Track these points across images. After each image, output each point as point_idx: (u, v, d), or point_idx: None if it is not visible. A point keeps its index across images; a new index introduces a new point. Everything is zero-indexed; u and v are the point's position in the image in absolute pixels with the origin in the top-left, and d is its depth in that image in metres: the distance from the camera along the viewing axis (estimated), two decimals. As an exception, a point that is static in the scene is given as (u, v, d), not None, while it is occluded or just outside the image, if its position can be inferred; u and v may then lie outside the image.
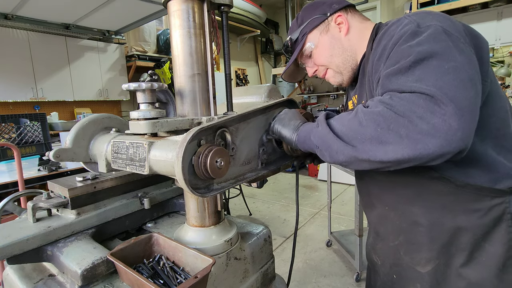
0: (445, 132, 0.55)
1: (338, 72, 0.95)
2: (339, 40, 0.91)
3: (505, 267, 0.73)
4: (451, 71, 0.58)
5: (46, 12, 3.62)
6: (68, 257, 0.79)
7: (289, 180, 5.48)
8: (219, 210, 0.89)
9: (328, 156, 0.70)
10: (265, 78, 8.80)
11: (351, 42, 0.91)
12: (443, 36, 0.63)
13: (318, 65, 0.97)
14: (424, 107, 0.56)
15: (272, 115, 0.94)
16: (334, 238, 2.87)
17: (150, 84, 0.73)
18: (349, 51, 0.91)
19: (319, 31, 0.92)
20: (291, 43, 0.97)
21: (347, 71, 0.93)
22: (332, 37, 0.91)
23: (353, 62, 0.92)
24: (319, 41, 0.93)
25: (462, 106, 0.55)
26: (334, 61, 0.93)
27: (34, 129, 3.04)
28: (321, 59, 0.95)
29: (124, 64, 5.11)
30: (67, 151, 0.91)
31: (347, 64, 0.92)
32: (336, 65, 0.93)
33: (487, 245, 0.74)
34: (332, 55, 0.92)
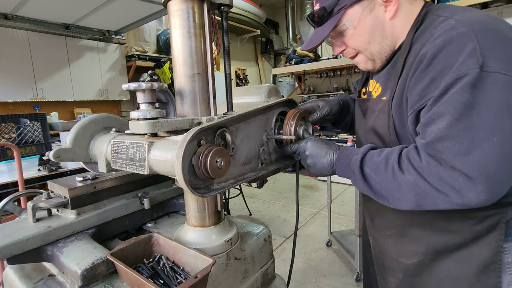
0: (476, 203, 0.61)
1: (370, 60, 0.84)
2: (382, 25, 0.78)
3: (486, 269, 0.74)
4: (499, 144, 0.58)
5: (46, 12, 3.62)
6: (68, 257, 0.79)
7: (289, 180, 5.48)
8: (219, 210, 0.89)
9: None
10: (265, 78, 8.80)
11: (394, 28, 0.78)
12: (501, 94, 0.59)
13: (351, 47, 0.85)
14: (462, 185, 0.60)
15: (272, 115, 0.94)
16: (334, 238, 2.87)
17: (150, 84, 0.73)
18: (390, 39, 0.79)
19: (361, 8, 0.77)
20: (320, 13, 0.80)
21: (380, 61, 0.83)
22: (375, 19, 0.77)
23: (389, 51, 0.81)
24: (360, 22, 0.78)
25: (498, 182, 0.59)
26: (370, 48, 0.81)
27: (34, 129, 3.03)
28: (356, 43, 0.82)
29: (124, 64, 5.11)
30: (67, 151, 0.91)
31: (382, 54, 0.82)
32: (370, 52, 0.82)
33: (475, 247, 0.75)
34: (369, 42, 0.80)
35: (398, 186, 0.68)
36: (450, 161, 0.61)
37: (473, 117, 0.59)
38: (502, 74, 0.59)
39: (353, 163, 0.76)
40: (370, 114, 0.88)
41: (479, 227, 0.73)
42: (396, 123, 0.77)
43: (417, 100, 0.68)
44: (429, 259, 0.81)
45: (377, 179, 0.71)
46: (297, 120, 0.92)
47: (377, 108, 0.84)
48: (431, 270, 0.82)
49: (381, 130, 0.83)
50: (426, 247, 0.81)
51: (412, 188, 0.65)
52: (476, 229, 0.74)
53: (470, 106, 0.59)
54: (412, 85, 0.70)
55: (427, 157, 0.65)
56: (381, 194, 0.72)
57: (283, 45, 8.99)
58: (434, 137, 0.63)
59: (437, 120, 0.63)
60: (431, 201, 0.64)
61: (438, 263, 0.80)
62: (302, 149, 0.87)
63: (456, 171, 0.60)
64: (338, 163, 0.81)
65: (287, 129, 0.92)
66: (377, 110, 0.84)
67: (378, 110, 0.83)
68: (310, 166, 0.86)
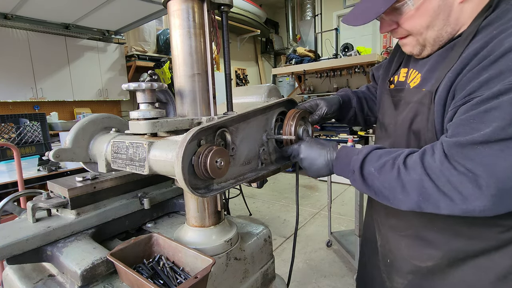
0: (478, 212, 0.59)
1: (421, 44, 0.75)
2: (449, 8, 0.67)
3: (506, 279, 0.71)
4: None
5: (45, 12, 3.62)
6: (68, 257, 0.79)
7: (289, 180, 5.48)
8: (219, 210, 0.89)
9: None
10: (265, 78, 8.80)
11: (462, 13, 0.67)
12: None
13: (405, 28, 0.74)
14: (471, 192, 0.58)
15: (272, 115, 0.94)
16: (334, 238, 2.87)
17: (150, 84, 0.73)
18: (452, 26, 0.69)
19: None
20: None
21: (431, 48, 0.74)
22: (444, 2, 0.67)
23: (446, 40, 0.71)
24: (424, 2, 0.67)
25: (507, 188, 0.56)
26: (426, 34, 0.71)
27: (33, 129, 3.03)
28: (413, 24, 0.72)
29: (124, 64, 5.11)
30: (66, 151, 0.91)
31: (437, 42, 0.72)
32: (425, 38, 0.72)
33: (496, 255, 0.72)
34: (428, 26, 0.70)
35: (401, 185, 0.65)
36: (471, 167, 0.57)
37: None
38: None
39: (353, 162, 0.74)
40: (403, 105, 0.80)
41: (506, 235, 0.70)
42: (437, 120, 0.69)
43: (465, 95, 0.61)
44: (445, 264, 0.78)
45: (381, 179, 0.68)
46: (297, 120, 0.92)
47: (414, 100, 0.75)
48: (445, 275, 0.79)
49: (417, 125, 0.74)
50: (444, 252, 0.78)
51: (416, 187, 0.62)
52: (501, 238, 0.70)
53: None
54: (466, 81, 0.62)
55: (442, 158, 0.61)
56: (382, 193, 0.69)
57: (283, 45, 8.99)
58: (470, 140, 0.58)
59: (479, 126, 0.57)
60: (434, 204, 0.62)
61: (454, 269, 0.77)
62: (296, 152, 0.87)
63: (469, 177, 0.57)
64: (336, 162, 0.79)
65: (287, 129, 0.91)
66: (413, 102, 0.76)
67: (415, 101, 0.75)
68: (306, 169, 0.85)
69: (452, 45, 0.71)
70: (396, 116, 0.84)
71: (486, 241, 0.72)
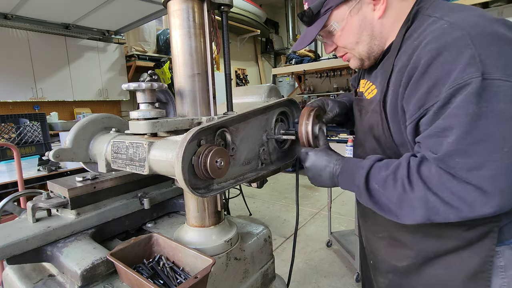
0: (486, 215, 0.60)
1: (359, 59, 0.84)
2: (370, 24, 0.76)
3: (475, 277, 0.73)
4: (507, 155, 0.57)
5: (46, 12, 3.62)
6: (68, 257, 0.79)
7: (289, 180, 5.48)
8: (219, 210, 0.89)
9: None
10: (265, 78, 8.80)
11: (383, 27, 0.76)
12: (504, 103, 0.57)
13: (340, 46, 0.84)
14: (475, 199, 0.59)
15: (272, 115, 0.94)
16: (334, 238, 2.87)
17: (150, 84, 0.73)
18: (378, 39, 0.78)
19: (348, 9, 0.75)
20: (309, 14, 0.79)
21: (369, 60, 0.83)
22: (363, 20, 0.76)
23: (378, 51, 0.80)
24: (347, 22, 0.77)
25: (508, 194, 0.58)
26: (358, 48, 0.80)
27: (33, 129, 3.03)
28: (344, 43, 0.82)
29: (124, 64, 5.11)
30: (66, 151, 0.91)
31: (371, 54, 0.81)
32: (359, 52, 0.81)
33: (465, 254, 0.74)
34: (357, 42, 0.79)
35: (409, 203, 0.65)
36: (463, 176, 0.59)
37: (481, 129, 0.57)
38: (504, 81, 0.57)
39: (357, 178, 0.73)
40: (364, 114, 0.87)
41: (470, 233, 0.72)
42: (393, 129, 0.75)
43: (416, 110, 0.66)
44: (419, 263, 0.81)
45: (386, 194, 0.68)
46: (313, 118, 0.87)
47: (370, 108, 0.82)
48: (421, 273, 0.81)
49: (376, 132, 0.81)
50: (416, 251, 0.81)
51: (423, 204, 0.63)
52: (467, 236, 0.73)
53: (477, 118, 0.57)
54: (409, 94, 0.67)
55: (439, 170, 0.62)
56: (389, 209, 0.69)
57: (283, 45, 8.99)
58: (444, 152, 0.60)
59: (445, 134, 0.61)
60: (443, 215, 0.62)
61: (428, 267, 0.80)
62: (303, 159, 0.86)
63: (470, 185, 0.59)
64: (341, 176, 0.78)
65: (303, 129, 0.87)
66: (370, 111, 0.82)
67: (371, 111, 0.81)
68: (310, 178, 0.85)
69: (386, 59, 0.78)
70: (361, 124, 0.90)
71: (453, 240, 0.74)
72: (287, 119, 1.02)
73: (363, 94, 0.89)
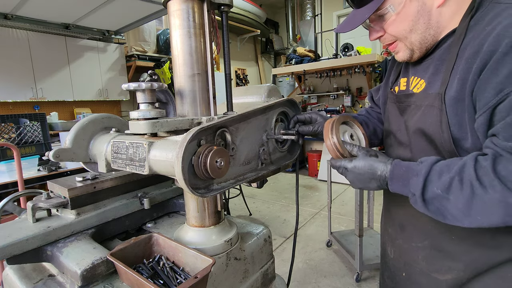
0: None
1: (409, 49, 0.78)
2: (428, 12, 0.71)
3: None
4: None
5: (46, 12, 3.62)
6: (68, 257, 0.79)
7: (289, 180, 5.48)
8: (219, 210, 0.89)
9: None
10: (265, 78, 8.80)
11: (441, 17, 0.71)
12: None
13: (390, 34, 0.78)
14: None
15: (272, 115, 0.94)
16: (334, 238, 2.87)
17: (150, 84, 0.73)
18: (434, 29, 0.72)
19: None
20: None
21: (419, 51, 0.77)
22: (423, 6, 0.70)
23: (432, 42, 0.75)
24: (404, 7, 0.71)
25: None
26: (411, 37, 0.75)
27: (34, 129, 3.03)
28: (396, 29, 0.75)
29: (124, 64, 5.11)
30: (66, 151, 0.91)
31: (423, 45, 0.75)
32: (411, 42, 0.76)
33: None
34: (412, 30, 0.73)
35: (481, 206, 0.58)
36: None
37: None
38: None
39: (413, 186, 0.65)
40: (414, 110, 0.79)
41: None
42: (452, 121, 0.67)
43: (494, 95, 0.59)
44: (467, 277, 0.74)
45: (451, 199, 0.61)
46: (336, 128, 0.79)
47: (424, 103, 0.74)
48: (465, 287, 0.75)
49: (430, 129, 0.73)
50: (464, 263, 0.74)
51: (502, 206, 0.56)
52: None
53: None
54: (485, 80, 0.61)
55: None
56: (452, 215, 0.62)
57: (283, 45, 8.99)
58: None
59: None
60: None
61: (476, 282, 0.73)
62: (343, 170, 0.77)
63: None
64: (392, 183, 0.70)
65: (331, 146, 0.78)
66: (424, 105, 0.75)
67: (426, 105, 0.74)
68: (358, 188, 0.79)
69: (447, 47, 0.72)
70: (404, 123, 0.83)
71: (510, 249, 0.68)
72: (287, 119, 1.02)
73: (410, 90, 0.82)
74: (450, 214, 0.62)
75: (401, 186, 0.68)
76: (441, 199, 0.62)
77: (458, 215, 0.61)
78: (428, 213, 0.66)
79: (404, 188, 0.68)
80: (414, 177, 0.65)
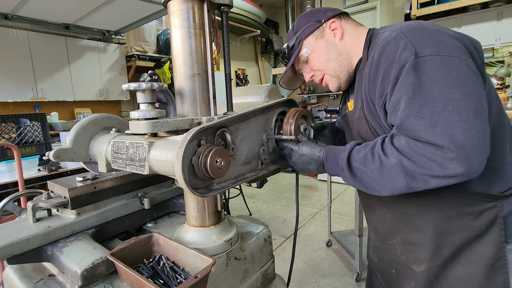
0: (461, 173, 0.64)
1: (335, 76, 0.97)
2: (334, 45, 0.94)
3: (494, 268, 0.76)
4: (456, 111, 0.64)
5: (46, 12, 3.62)
6: (68, 257, 0.79)
7: (289, 180, 5.48)
8: (219, 210, 0.89)
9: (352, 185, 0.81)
10: (265, 78, 8.80)
11: (345, 46, 0.93)
12: (441, 71, 0.67)
13: (315, 70, 1.00)
14: (441, 157, 0.64)
15: (272, 115, 0.94)
16: (334, 238, 2.87)
17: (150, 84, 0.73)
18: (344, 55, 0.94)
19: (314, 37, 0.95)
20: (288, 50, 1.01)
21: (343, 75, 0.96)
22: (327, 42, 0.94)
23: (348, 65, 0.94)
24: (315, 46, 0.95)
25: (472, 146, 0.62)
26: (330, 65, 0.95)
27: (34, 129, 3.03)
28: (317, 63, 0.97)
29: (124, 64, 5.11)
30: (67, 151, 0.91)
31: (343, 68, 0.94)
32: (332, 69, 0.95)
33: (478, 246, 0.77)
34: (328, 59, 0.95)
35: (388, 173, 0.70)
36: (423, 136, 0.65)
37: (425, 94, 0.66)
38: (435, 56, 0.68)
39: (340, 160, 0.80)
40: (352, 124, 0.97)
41: (478, 222, 0.76)
42: (374, 125, 0.85)
43: (379, 98, 0.78)
44: (436, 266, 0.83)
45: (367, 171, 0.74)
46: (297, 118, 0.92)
47: (355, 117, 0.93)
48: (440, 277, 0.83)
49: (365, 135, 0.90)
50: (430, 253, 0.83)
51: (400, 170, 0.68)
52: (475, 225, 0.77)
53: (419, 86, 0.67)
54: (372, 88, 0.80)
55: (406, 138, 0.69)
56: (371, 185, 0.75)
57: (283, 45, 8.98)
58: (401, 119, 0.69)
59: (398, 105, 0.71)
60: (421, 179, 0.67)
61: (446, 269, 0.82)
62: (288, 154, 0.93)
63: (431, 145, 0.65)
64: (327, 163, 0.85)
65: (286, 128, 0.92)
66: (355, 119, 0.93)
67: (356, 118, 0.92)
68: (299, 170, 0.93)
69: (359, 71, 0.91)
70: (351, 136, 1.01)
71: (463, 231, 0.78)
72: (287, 119, 1.02)
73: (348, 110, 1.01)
74: (369, 185, 0.75)
75: (334, 164, 0.82)
76: (361, 172, 0.76)
77: (375, 185, 0.74)
78: (357, 185, 0.78)
79: (336, 166, 0.82)
80: (341, 153, 0.81)
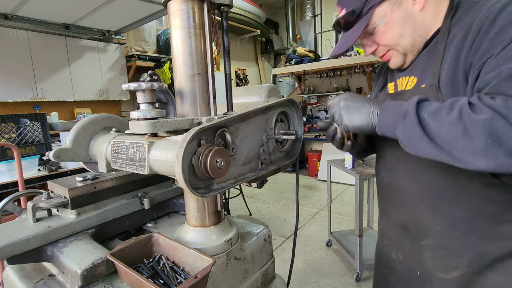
0: None
1: (402, 54, 0.82)
2: (412, 16, 0.77)
3: None
4: None
5: (46, 12, 3.62)
6: (68, 257, 0.79)
7: (289, 180, 5.48)
8: (219, 210, 0.89)
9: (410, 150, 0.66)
10: (265, 78, 8.80)
11: (425, 18, 0.77)
12: None
13: (382, 44, 0.83)
14: None
15: (272, 115, 0.94)
16: (334, 238, 2.87)
17: (150, 84, 0.73)
18: (422, 30, 0.78)
19: (390, 4, 0.77)
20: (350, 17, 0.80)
21: (412, 54, 0.81)
22: (406, 12, 0.77)
23: (422, 43, 0.79)
24: (390, 17, 0.77)
25: None
26: (403, 42, 0.80)
27: (34, 129, 3.03)
28: (387, 38, 0.81)
29: (124, 64, 5.11)
30: (67, 151, 0.91)
31: (415, 47, 0.80)
32: (403, 46, 0.80)
33: None
34: (402, 35, 0.79)
35: (465, 127, 0.57)
36: None
37: None
38: None
39: (406, 108, 0.65)
40: None
41: None
42: None
43: (479, 58, 0.64)
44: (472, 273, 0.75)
45: (436, 125, 0.60)
46: None
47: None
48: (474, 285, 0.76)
49: None
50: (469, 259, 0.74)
51: (486, 127, 0.55)
52: None
53: None
54: (474, 50, 0.65)
55: (503, 97, 0.57)
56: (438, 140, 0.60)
57: (283, 45, 8.99)
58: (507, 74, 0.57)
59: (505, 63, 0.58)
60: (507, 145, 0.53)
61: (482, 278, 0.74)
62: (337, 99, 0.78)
63: None
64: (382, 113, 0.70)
65: None
66: None
67: None
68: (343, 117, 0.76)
69: (434, 43, 0.78)
70: None
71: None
72: (287, 119, 1.02)
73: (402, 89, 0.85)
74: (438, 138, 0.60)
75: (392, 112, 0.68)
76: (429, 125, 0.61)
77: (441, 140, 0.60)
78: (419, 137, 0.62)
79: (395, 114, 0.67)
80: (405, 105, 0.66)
